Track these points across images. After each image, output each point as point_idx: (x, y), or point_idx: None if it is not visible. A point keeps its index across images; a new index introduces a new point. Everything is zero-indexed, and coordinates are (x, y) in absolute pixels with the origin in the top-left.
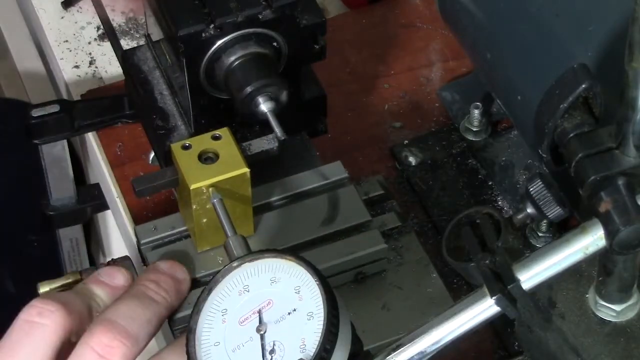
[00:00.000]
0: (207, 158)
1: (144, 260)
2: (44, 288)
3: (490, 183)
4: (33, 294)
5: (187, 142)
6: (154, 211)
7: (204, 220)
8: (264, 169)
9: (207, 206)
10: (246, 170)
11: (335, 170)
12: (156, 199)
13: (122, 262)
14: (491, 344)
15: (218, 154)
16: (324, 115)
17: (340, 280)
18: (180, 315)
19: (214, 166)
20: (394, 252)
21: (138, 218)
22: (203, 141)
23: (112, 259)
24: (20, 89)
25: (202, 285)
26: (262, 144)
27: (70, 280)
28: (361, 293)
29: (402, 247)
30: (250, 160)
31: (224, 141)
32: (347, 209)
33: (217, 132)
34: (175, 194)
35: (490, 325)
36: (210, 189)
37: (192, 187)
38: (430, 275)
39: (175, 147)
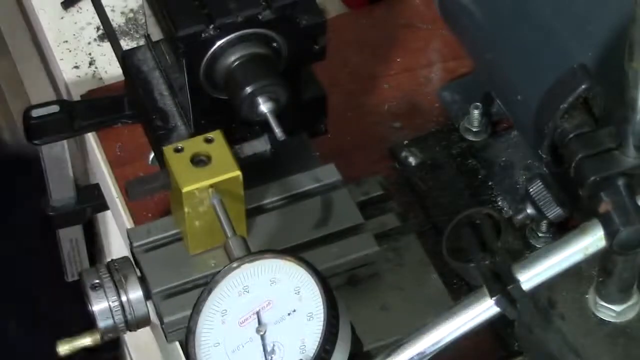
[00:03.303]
0: (199, 161)
1: (136, 263)
2: (62, 347)
3: (490, 183)
4: (35, 293)
5: (179, 145)
6: (154, 211)
7: (197, 223)
8: (263, 170)
9: (200, 209)
10: (238, 173)
11: (329, 173)
12: (157, 198)
13: (121, 263)
14: (491, 344)
15: (210, 157)
16: (324, 115)
17: (333, 283)
18: (171, 318)
19: (206, 169)
20: (394, 252)
21: (138, 218)
22: (195, 144)
23: (112, 260)
24: (20, 89)
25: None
26: (254, 146)
27: (88, 341)
28: (361, 294)
29: (402, 247)
30: (243, 163)
31: (216, 144)
32: (340, 212)
33: (210, 135)
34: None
35: (490, 326)
36: (210, 190)
37: (184, 190)
38: (431, 276)
39: (168, 150)
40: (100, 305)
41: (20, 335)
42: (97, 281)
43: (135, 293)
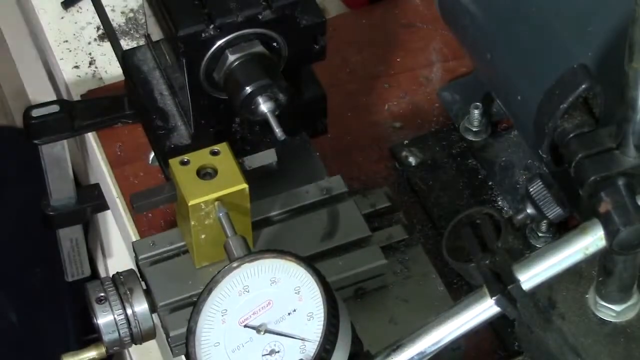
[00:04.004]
0: (205, 174)
1: (142, 276)
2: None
3: (490, 183)
4: (36, 293)
5: (185, 158)
6: (153, 212)
7: (203, 236)
8: (270, 181)
9: (206, 222)
10: (245, 186)
11: (335, 184)
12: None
13: (126, 276)
14: (491, 344)
15: (217, 170)
16: (324, 115)
17: (340, 296)
18: (177, 332)
19: (212, 182)
20: (401, 265)
21: (138, 218)
22: (202, 156)
23: (117, 272)
24: (20, 89)
25: None
26: (261, 159)
27: (94, 355)
28: (368, 307)
29: (409, 259)
30: (249, 175)
31: (222, 156)
32: (347, 224)
33: (216, 147)
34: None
35: (490, 326)
36: (216, 203)
37: (190, 203)
38: (438, 289)
39: (174, 162)
40: (105, 319)
41: (19, 320)
42: (103, 294)
43: (140, 306)
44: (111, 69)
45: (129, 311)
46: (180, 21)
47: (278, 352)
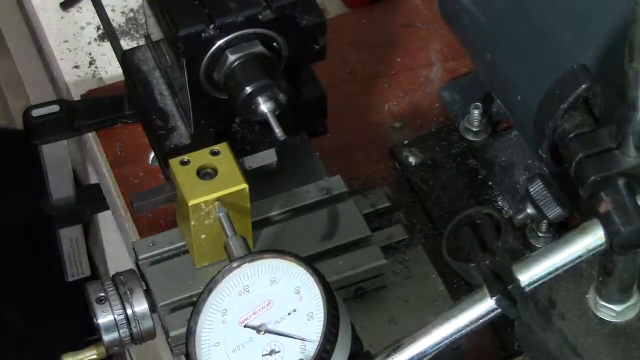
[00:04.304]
0: (205, 174)
1: (142, 276)
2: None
3: (490, 183)
4: (36, 293)
5: (185, 158)
6: (154, 212)
7: (203, 236)
8: (270, 181)
9: (206, 222)
10: (245, 186)
11: (335, 184)
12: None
13: (126, 276)
14: (491, 344)
15: (217, 170)
16: (324, 115)
17: (340, 296)
18: (176, 332)
19: (212, 182)
20: (401, 265)
21: (138, 218)
22: (202, 156)
23: (117, 272)
24: (20, 89)
25: None
26: (261, 159)
27: (94, 355)
28: (368, 307)
29: (409, 259)
30: (249, 175)
31: (222, 156)
32: (347, 224)
33: (216, 148)
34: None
35: (490, 325)
36: (216, 203)
37: (190, 203)
38: (438, 289)
39: (174, 162)
40: (105, 319)
41: (19, 320)
42: (103, 294)
43: (140, 306)
44: (111, 69)
45: (129, 311)
46: (180, 21)
47: (278, 352)
